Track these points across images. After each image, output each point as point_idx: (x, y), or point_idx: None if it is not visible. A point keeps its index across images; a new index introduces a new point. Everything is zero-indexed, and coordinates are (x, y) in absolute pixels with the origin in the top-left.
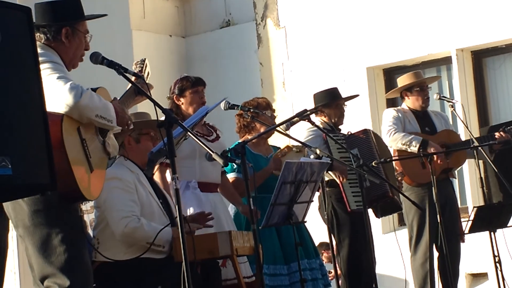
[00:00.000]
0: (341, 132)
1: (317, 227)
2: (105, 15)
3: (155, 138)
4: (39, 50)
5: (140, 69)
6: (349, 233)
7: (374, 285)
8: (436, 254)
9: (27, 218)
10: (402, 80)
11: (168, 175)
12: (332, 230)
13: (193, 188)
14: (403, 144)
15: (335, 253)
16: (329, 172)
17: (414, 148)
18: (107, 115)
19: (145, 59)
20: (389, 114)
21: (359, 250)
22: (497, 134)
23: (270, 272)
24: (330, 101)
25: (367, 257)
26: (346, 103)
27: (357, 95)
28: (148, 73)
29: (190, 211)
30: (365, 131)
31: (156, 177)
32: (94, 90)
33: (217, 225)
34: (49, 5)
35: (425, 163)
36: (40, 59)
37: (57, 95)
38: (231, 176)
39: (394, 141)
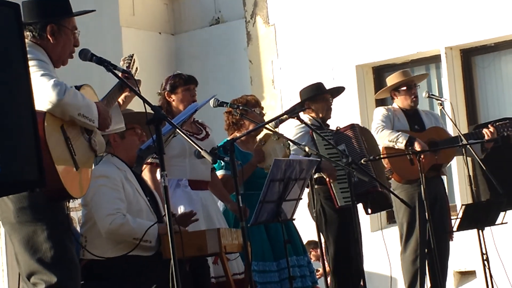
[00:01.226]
0: (329, 128)
1: (305, 225)
2: (93, 10)
3: (140, 134)
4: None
5: (127, 64)
6: (337, 230)
7: (362, 283)
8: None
9: (13, 215)
10: (390, 80)
11: (158, 175)
12: (321, 227)
13: (184, 186)
14: (390, 141)
15: (323, 250)
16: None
17: (400, 144)
18: (89, 114)
19: (133, 54)
20: (379, 112)
21: (347, 248)
22: (485, 130)
23: (259, 268)
24: (316, 94)
25: (356, 255)
26: (335, 100)
27: (342, 87)
28: (137, 68)
29: (181, 209)
30: (352, 126)
31: (147, 177)
32: (78, 88)
33: (208, 223)
34: (35, 3)
35: (414, 159)
36: None
37: (40, 92)
38: (219, 173)
39: (381, 138)
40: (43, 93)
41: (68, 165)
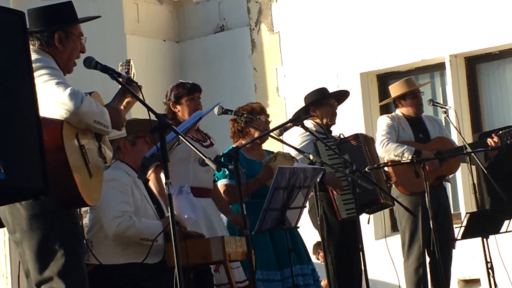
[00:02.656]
0: (333, 134)
1: (309, 232)
2: (99, 16)
3: (150, 143)
4: (35, 56)
5: (126, 70)
6: (338, 238)
7: None
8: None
9: (25, 222)
10: (394, 89)
11: (163, 176)
12: (323, 233)
13: (186, 193)
14: (396, 156)
15: (327, 257)
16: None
17: (406, 160)
18: (103, 121)
19: (129, 60)
20: (383, 122)
21: (348, 255)
22: (489, 140)
23: (263, 277)
24: (321, 97)
25: (357, 263)
26: (339, 108)
27: (347, 91)
28: (134, 74)
29: (185, 216)
30: (356, 136)
31: (151, 177)
32: (88, 94)
33: (209, 230)
34: (42, 10)
35: (419, 170)
36: (37, 64)
37: (56, 101)
38: (222, 183)
39: (387, 152)
40: (60, 102)
41: (83, 172)
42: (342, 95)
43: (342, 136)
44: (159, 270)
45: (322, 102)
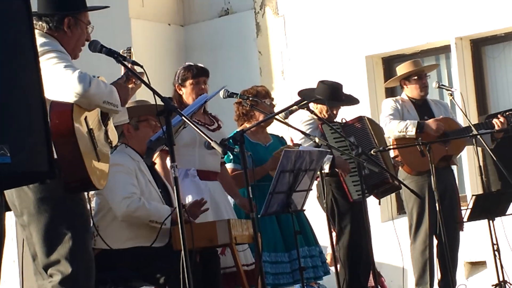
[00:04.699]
0: (336, 120)
1: (316, 216)
2: (107, 6)
3: (155, 126)
4: (43, 39)
5: (128, 57)
6: (350, 220)
7: (373, 272)
8: (435, 242)
9: (32, 205)
10: (401, 69)
11: (168, 161)
12: (333, 218)
13: (192, 176)
14: (400, 132)
15: (334, 241)
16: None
17: (411, 133)
18: (113, 100)
19: (130, 47)
20: (387, 104)
21: (359, 238)
22: (495, 121)
23: (271, 259)
24: (328, 102)
25: (366, 245)
26: (344, 90)
27: (357, 101)
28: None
29: (189, 199)
30: (361, 118)
31: (157, 163)
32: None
33: (216, 213)
34: None
35: (424, 150)
36: (44, 48)
37: (65, 84)
38: (228, 167)
39: (390, 130)
40: (69, 85)
41: (92, 156)
42: (350, 101)
43: (344, 121)
44: (165, 253)
45: (331, 104)
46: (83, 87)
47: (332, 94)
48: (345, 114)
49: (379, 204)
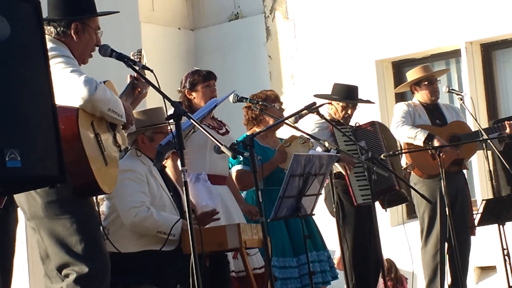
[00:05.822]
0: (349, 124)
1: (324, 220)
2: (117, 12)
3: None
4: (50, 44)
5: (138, 59)
6: (354, 225)
7: (382, 276)
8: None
9: (41, 209)
10: (411, 75)
11: (180, 164)
12: (338, 220)
13: (204, 181)
14: (409, 137)
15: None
16: (336, 164)
17: (419, 141)
18: (118, 110)
19: (141, 49)
20: (400, 108)
21: (364, 242)
22: (506, 122)
23: (279, 264)
24: (343, 99)
25: (374, 250)
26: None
27: (371, 101)
28: (145, 63)
29: (202, 204)
30: (373, 123)
31: (168, 165)
32: (101, 83)
33: (226, 218)
34: (61, 0)
35: (435, 154)
36: (52, 53)
37: (71, 88)
38: (237, 168)
39: (400, 134)
40: (75, 90)
41: (99, 160)
42: (365, 101)
43: (357, 125)
44: (175, 257)
45: (347, 101)
46: (89, 91)
47: (348, 93)
48: (357, 117)
49: (385, 211)
